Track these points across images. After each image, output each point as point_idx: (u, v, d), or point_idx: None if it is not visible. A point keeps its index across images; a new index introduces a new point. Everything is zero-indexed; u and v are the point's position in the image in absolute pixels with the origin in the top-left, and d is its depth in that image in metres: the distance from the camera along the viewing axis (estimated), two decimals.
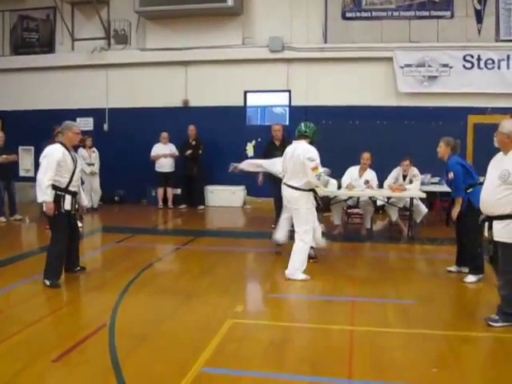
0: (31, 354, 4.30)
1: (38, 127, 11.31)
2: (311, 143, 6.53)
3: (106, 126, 14.01)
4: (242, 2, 12.71)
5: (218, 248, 8.65)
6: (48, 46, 14.10)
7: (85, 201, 6.66)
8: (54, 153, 6.02)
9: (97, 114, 13.98)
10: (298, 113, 12.76)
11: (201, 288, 6.26)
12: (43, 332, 4.88)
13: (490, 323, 4.80)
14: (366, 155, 9.50)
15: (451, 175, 6.33)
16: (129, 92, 13.62)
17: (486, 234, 4.92)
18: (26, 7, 14.07)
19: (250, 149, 13.16)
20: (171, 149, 12.88)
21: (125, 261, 7.92)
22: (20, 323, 4.95)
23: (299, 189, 6.43)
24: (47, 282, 6.00)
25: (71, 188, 6.16)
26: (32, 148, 13.14)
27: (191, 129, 12.79)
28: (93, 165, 12.54)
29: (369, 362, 4.15)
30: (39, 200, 5.94)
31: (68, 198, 6.11)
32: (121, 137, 13.50)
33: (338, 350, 4.38)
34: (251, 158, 12.06)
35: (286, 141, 9.54)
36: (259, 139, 12.68)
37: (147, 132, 13.07)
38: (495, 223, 4.79)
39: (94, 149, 12.72)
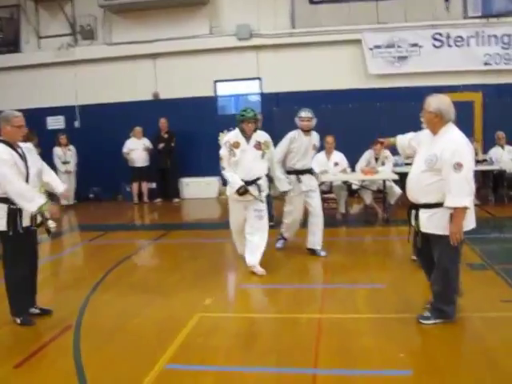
0: None
1: None
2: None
3: (77, 123, 13.81)
4: None
5: (191, 241, 8.57)
6: (13, 45, 13.81)
7: (60, 186, 5.39)
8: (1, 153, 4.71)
9: (67, 111, 13.77)
10: (270, 100, 12.68)
11: (170, 283, 6.18)
12: (7, 337, 4.77)
13: (421, 321, 4.46)
14: (330, 139, 9.49)
15: None
16: (98, 88, 13.40)
17: (412, 223, 4.47)
18: None
19: (222, 139, 12.99)
20: (145, 143, 12.71)
21: (95, 259, 7.83)
22: None
23: None
24: (18, 321, 4.91)
25: None
26: None
27: (162, 121, 12.65)
28: (68, 163, 12.36)
29: (336, 349, 4.11)
30: (32, 210, 4.71)
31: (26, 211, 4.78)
32: (93, 133, 13.28)
33: (305, 339, 4.33)
34: None
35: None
36: (231, 128, 12.48)
37: (119, 127, 12.86)
38: (421, 212, 4.32)
39: (71, 146, 12.57)
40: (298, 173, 6.82)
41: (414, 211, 4.43)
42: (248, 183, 6.02)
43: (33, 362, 4.17)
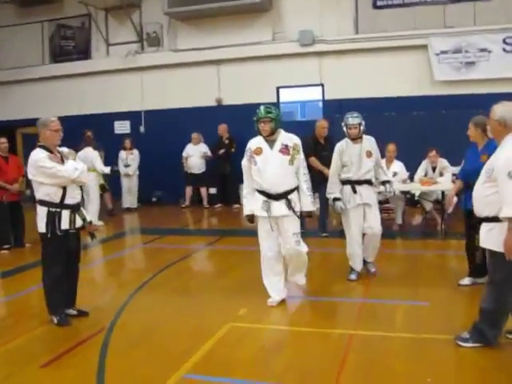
0: (25, 358, 4.32)
1: (79, 132, 11.41)
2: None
3: (142, 128, 14.15)
4: None
5: (243, 248, 8.50)
6: (84, 53, 14.38)
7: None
8: (41, 159, 4.85)
9: (133, 116, 14.13)
10: (332, 107, 12.47)
11: (210, 290, 6.16)
12: (42, 336, 4.89)
13: (459, 342, 4.16)
14: (391, 147, 9.18)
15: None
16: (163, 93, 13.69)
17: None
18: (62, 16, 14.38)
19: None
20: (201, 149, 12.81)
21: (145, 262, 7.97)
22: (25, 326, 5.05)
23: None
24: (54, 320, 5.04)
25: (68, 201, 4.96)
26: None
27: (223, 127, 12.72)
28: (128, 166, 12.64)
29: (360, 370, 3.90)
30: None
31: (65, 213, 4.94)
32: (157, 138, 13.58)
33: (331, 356, 4.14)
34: None
35: (330, 138, 9.29)
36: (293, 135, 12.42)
37: (182, 132, 13.07)
38: (482, 226, 4.07)
39: (134, 150, 12.82)
40: (354, 183, 6.09)
41: (478, 225, 4.17)
42: (274, 197, 5.15)
43: (59, 362, 4.25)
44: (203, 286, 6.46)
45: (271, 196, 5.14)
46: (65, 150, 5.20)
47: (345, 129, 6.07)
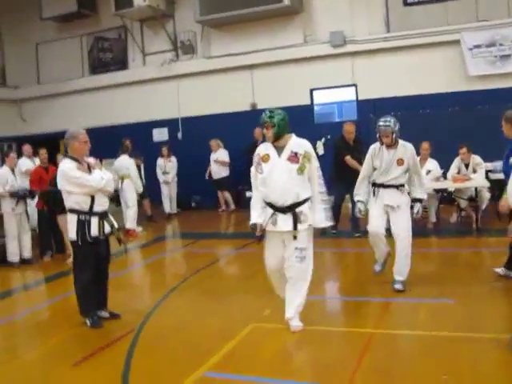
0: (58, 358, 4.59)
1: (119, 142, 11.71)
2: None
3: (180, 135, 14.43)
4: (300, 0, 12.60)
5: None
6: (122, 64, 14.79)
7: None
8: (69, 169, 5.10)
9: (171, 123, 14.43)
10: (366, 107, 12.44)
11: (239, 291, 6.32)
12: (75, 337, 5.13)
13: None
14: (425, 145, 9.11)
15: None
16: (199, 100, 13.92)
17: None
18: (99, 29, 14.84)
19: (320, 147, 12.94)
20: (218, 156, 12.99)
21: (180, 265, 8.20)
22: (61, 327, 5.35)
23: None
24: (87, 322, 5.27)
25: (97, 209, 5.17)
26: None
27: (257, 131, 12.79)
28: (167, 173, 12.89)
29: (377, 369, 3.93)
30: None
31: (94, 221, 5.14)
32: (194, 144, 13.81)
33: (348, 355, 4.21)
34: (322, 156, 11.87)
35: (358, 139, 9.37)
36: (328, 136, 12.49)
37: (219, 138, 13.29)
38: None
39: (172, 158, 13.04)
40: (378, 186, 5.86)
41: None
42: (281, 210, 4.62)
43: (89, 361, 4.46)
44: (231, 288, 6.61)
45: (278, 208, 4.61)
46: (91, 160, 5.42)
47: (378, 135, 5.75)
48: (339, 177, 8.87)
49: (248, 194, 13.36)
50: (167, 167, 12.85)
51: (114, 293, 5.69)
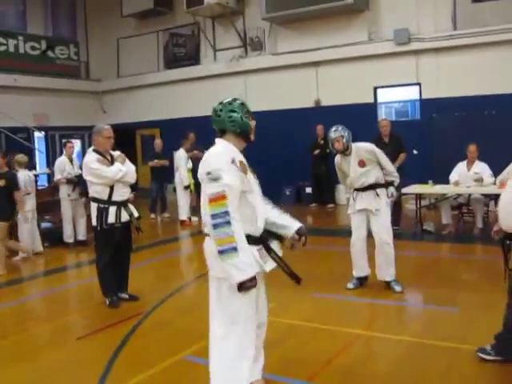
0: (67, 331, 5.13)
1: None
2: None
3: None
4: None
5: (317, 247, 8.70)
6: (194, 59, 15.33)
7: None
8: (90, 161, 5.57)
9: None
10: (430, 106, 12.16)
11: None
12: (91, 313, 5.61)
13: (481, 355, 3.95)
14: (472, 148, 8.85)
15: None
16: (265, 96, 14.16)
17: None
18: (174, 25, 15.49)
19: None
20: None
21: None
22: (81, 306, 5.83)
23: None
24: (107, 302, 5.76)
25: (116, 198, 5.58)
26: None
27: (319, 128, 12.90)
28: None
29: (344, 370, 4.04)
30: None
31: (112, 209, 5.53)
32: (259, 139, 13.96)
33: (324, 353, 4.33)
34: None
35: (395, 137, 9.43)
36: None
37: (283, 133, 13.54)
38: None
39: None
40: (356, 190, 6.01)
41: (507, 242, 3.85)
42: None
43: (92, 336, 4.93)
44: None
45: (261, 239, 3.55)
46: (115, 153, 5.85)
47: (330, 144, 5.97)
48: None
49: (308, 189, 13.56)
50: None
51: (142, 277, 6.13)
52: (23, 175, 8.31)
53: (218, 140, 3.41)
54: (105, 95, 17.10)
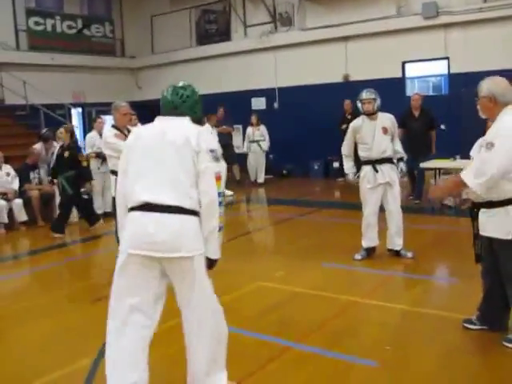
0: (85, 295, 5.55)
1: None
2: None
3: (276, 105, 14.96)
4: None
5: (337, 220, 8.95)
6: (225, 35, 15.54)
7: None
8: (107, 136, 5.91)
9: (268, 93, 15.00)
10: (458, 80, 12.06)
11: (269, 253, 7.16)
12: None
13: (506, 344, 3.86)
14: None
15: None
16: (294, 71, 14.31)
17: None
18: (206, 2, 15.70)
19: None
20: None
21: (238, 226, 9.09)
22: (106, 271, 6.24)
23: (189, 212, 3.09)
24: None
25: None
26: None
27: (347, 103, 12.94)
28: (255, 142, 13.45)
29: (333, 334, 4.31)
30: None
31: None
32: (289, 114, 14.32)
33: (318, 317, 4.62)
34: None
35: (425, 111, 9.58)
36: None
37: (312, 108, 13.68)
38: (481, 212, 3.87)
39: (260, 127, 13.58)
40: (374, 162, 6.07)
41: (475, 211, 3.95)
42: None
43: (104, 300, 5.31)
44: (265, 249, 7.35)
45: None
46: (134, 129, 6.17)
47: (359, 104, 6.12)
48: (406, 146, 9.10)
49: (335, 164, 13.71)
50: (255, 135, 13.43)
51: None
52: None
53: (187, 120, 3.26)
54: (139, 71, 17.51)
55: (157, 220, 2.99)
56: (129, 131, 6.07)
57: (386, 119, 6.13)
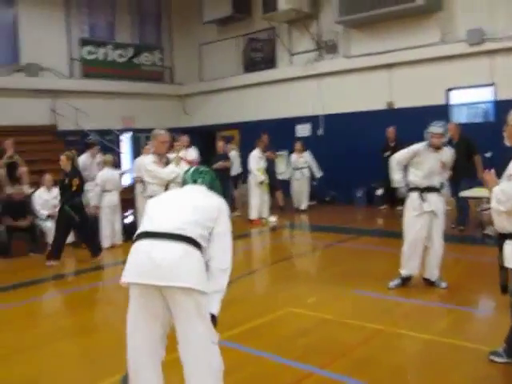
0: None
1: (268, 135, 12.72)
2: None
3: (320, 131, 15.05)
4: None
5: (375, 247, 8.91)
6: (271, 62, 15.82)
7: None
8: (147, 163, 6.24)
9: (313, 120, 15.11)
10: (504, 107, 11.83)
11: (304, 278, 7.18)
12: None
13: (492, 358, 4.05)
14: None
15: None
16: (339, 98, 14.39)
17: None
18: (252, 31, 16.07)
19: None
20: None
21: (282, 250, 9.44)
22: None
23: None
24: None
25: None
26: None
27: (390, 131, 12.90)
28: (300, 169, 13.52)
29: (357, 361, 4.31)
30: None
31: None
32: (332, 141, 14.38)
33: (344, 345, 4.64)
34: None
35: (463, 140, 9.51)
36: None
37: (356, 135, 13.73)
38: (506, 244, 3.82)
39: (305, 154, 13.61)
40: (422, 190, 6.05)
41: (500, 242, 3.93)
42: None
43: None
44: (301, 275, 7.40)
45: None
46: (172, 156, 6.41)
47: (427, 135, 6.02)
48: None
49: (378, 191, 13.63)
50: (299, 163, 13.48)
51: None
52: (107, 174, 9.56)
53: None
54: (187, 98, 17.98)
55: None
56: (168, 159, 6.32)
57: (447, 154, 6.13)
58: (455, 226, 9.66)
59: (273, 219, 11.85)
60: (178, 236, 2.98)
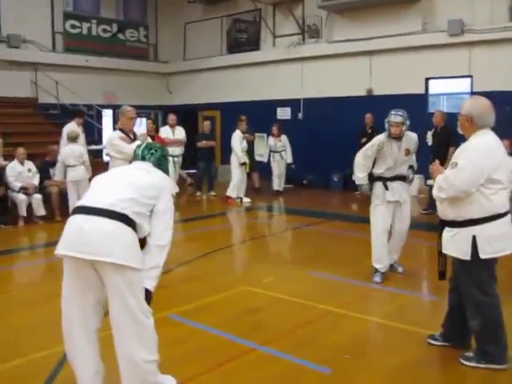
0: None
1: (248, 117, 12.72)
2: None
3: (300, 115, 15.13)
4: None
5: (343, 232, 9.05)
6: (254, 44, 15.83)
7: None
8: (113, 138, 6.16)
9: (293, 103, 15.18)
10: None
11: (265, 259, 7.24)
12: None
13: (463, 361, 3.95)
14: (506, 142, 8.77)
15: None
16: (319, 83, 14.46)
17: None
18: (238, 11, 16.05)
19: (429, 137, 12.80)
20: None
21: (248, 231, 9.60)
22: None
23: None
24: None
25: None
26: None
27: (367, 117, 13.00)
28: (279, 152, 13.57)
29: (301, 339, 4.44)
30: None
31: None
32: (312, 125, 14.48)
33: (291, 323, 4.79)
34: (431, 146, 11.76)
35: (445, 128, 9.74)
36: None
37: (335, 120, 13.82)
38: (445, 231, 3.97)
39: (282, 137, 13.63)
40: (386, 180, 5.93)
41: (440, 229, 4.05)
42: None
43: None
44: (262, 255, 7.51)
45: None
46: (140, 132, 6.48)
47: (387, 125, 5.84)
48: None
49: (354, 177, 13.74)
50: (277, 146, 13.54)
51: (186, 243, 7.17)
52: (68, 149, 9.66)
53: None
54: (171, 76, 17.97)
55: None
56: (134, 134, 6.38)
57: (410, 140, 5.97)
58: (426, 210, 10.03)
59: (247, 200, 11.98)
60: (110, 212, 3.04)
